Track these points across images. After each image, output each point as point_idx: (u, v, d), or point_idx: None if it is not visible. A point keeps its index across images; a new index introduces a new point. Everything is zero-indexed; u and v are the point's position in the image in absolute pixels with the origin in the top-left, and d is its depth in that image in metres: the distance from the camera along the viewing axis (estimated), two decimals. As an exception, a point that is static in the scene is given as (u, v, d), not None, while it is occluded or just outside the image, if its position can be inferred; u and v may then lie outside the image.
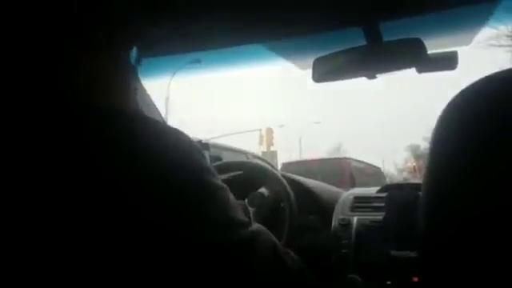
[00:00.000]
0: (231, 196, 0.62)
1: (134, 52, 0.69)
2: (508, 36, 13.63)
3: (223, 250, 0.57)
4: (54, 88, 0.58)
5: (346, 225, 1.28)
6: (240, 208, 0.63)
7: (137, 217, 0.52)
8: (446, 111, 0.51)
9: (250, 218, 1.22)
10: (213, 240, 0.56)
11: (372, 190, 1.45)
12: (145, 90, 1.40)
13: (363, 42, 1.11)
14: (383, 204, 1.25)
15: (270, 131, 18.46)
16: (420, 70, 1.17)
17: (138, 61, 0.70)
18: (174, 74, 1.83)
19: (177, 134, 0.59)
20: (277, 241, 0.67)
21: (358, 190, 1.52)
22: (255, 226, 0.64)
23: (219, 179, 0.61)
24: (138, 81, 1.21)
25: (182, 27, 1.14)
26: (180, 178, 0.56)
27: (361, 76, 1.15)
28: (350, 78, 1.16)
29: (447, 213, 0.49)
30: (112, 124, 0.57)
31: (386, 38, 1.09)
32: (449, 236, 0.48)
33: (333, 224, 1.31)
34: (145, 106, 1.37)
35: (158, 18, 1.05)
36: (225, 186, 0.61)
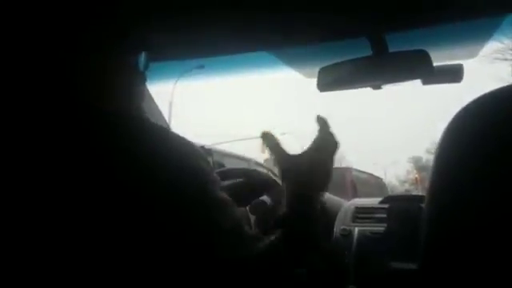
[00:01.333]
0: (236, 209, 0.62)
1: (142, 57, 0.69)
2: (513, 50, 13.63)
3: (225, 263, 0.56)
4: (60, 90, 0.59)
5: (346, 235, 1.27)
6: (245, 221, 0.63)
7: (137, 219, 0.52)
8: (451, 125, 0.51)
9: (250, 225, 1.22)
10: (215, 252, 0.56)
11: (374, 201, 1.44)
12: (149, 95, 1.40)
13: (369, 53, 1.11)
14: (385, 215, 1.24)
15: (272, 139, 18.40)
16: (425, 82, 1.17)
17: (146, 66, 0.70)
18: (178, 79, 1.83)
19: (181, 141, 0.59)
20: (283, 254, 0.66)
21: (360, 201, 1.51)
22: (264, 242, 0.63)
23: (224, 190, 0.61)
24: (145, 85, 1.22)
25: (187, 33, 1.14)
26: (182, 183, 0.56)
27: (366, 86, 1.15)
28: (355, 87, 1.16)
29: (450, 225, 0.48)
30: (118, 127, 0.57)
31: (391, 49, 1.09)
32: (451, 248, 0.48)
33: (334, 234, 1.31)
34: (149, 110, 1.37)
35: (163, 24, 1.05)
36: (229, 199, 0.61)
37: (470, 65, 1.31)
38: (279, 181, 1.36)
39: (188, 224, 0.55)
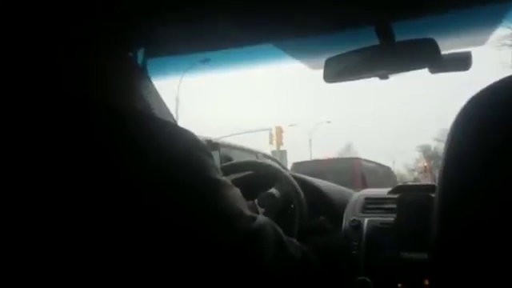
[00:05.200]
0: (237, 192, 0.63)
1: (141, 52, 0.70)
2: (521, 35, 13.45)
3: (229, 245, 0.57)
4: (62, 88, 0.59)
5: (356, 226, 1.27)
6: (246, 203, 0.64)
7: (143, 215, 0.52)
8: (461, 115, 0.50)
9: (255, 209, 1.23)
10: (218, 235, 0.57)
11: (383, 191, 1.44)
12: (156, 90, 1.40)
13: (375, 42, 1.10)
14: (395, 205, 1.24)
15: (279, 130, 18.45)
16: (433, 71, 1.15)
17: (145, 61, 0.70)
18: (184, 73, 1.83)
19: (184, 134, 0.60)
20: (281, 231, 0.68)
21: (369, 191, 1.50)
22: (260, 218, 0.64)
23: (224, 176, 0.62)
24: (149, 80, 1.22)
25: (192, 27, 1.13)
26: (185, 177, 0.56)
27: (373, 76, 1.14)
28: (362, 78, 1.15)
29: (461, 217, 0.48)
30: (120, 123, 0.57)
31: (398, 38, 1.08)
32: (462, 240, 0.48)
33: (343, 225, 1.30)
34: (156, 105, 1.37)
35: (168, 18, 1.05)
36: (230, 183, 0.62)
37: (478, 50, 1.29)
38: (287, 173, 1.36)
39: (191, 217, 0.55)
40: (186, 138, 0.59)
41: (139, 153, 0.55)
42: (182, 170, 0.56)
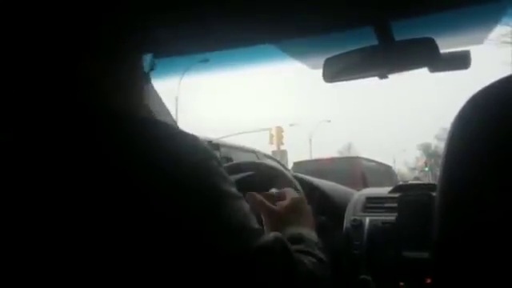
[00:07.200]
0: (244, 203, 0.61)
1: (148, 56, 0.69)
2: (521, 33, 13.38)
3: (233, 258, 0.56)
4: (65, 91, 0.59)
5: (357, 225, 1.27)
6: (253, 216, 0.61)
7: (146, 220, 0.52)
8: (459, 116, 0.50)
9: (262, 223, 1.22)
10: (224, 247, 0.55)
11: (384, 191, 1.44)
12: (155, 91, 1.41)
13: (375, 42, 1.10)
14: (396, 205, 1.24)
15: (279, 130, 18.43)
16: (432, 70, 1.16)
17: (152, 65, 0.70)
18: (184, 74, 1.83)
19: (191, 139, 0.59)
20: (289, 245, 0.64)
21: (370, 191, 1.51)
22: (270, 235, 0.62)
23: (233, 186, 0.60)
24: (150, 83, 1.22)
25: (192, 27, 1.14)
26: (192, 184, 0.55)
27: (372, 76, 1.14)
28: (362, 77, 1.15)
29: (462, 215, 0.48)
30: (123, 127, 0.57)
31: (397, 38, 1.08)
32: (464, 238, 0.48)
33: (344, 225, 1.31)
34: (155, 106, 1.38)
35: (165, 20, 1.05)
36: (238, 193, 0.60)
37: (478, 48, 1.30)
38: (288, 173, 1.36)
39: (195, 225, 0.54)
40: (194, 143, 0.58)
41: (142, 157, 0.54)
42: (187, 175, 0.55)
